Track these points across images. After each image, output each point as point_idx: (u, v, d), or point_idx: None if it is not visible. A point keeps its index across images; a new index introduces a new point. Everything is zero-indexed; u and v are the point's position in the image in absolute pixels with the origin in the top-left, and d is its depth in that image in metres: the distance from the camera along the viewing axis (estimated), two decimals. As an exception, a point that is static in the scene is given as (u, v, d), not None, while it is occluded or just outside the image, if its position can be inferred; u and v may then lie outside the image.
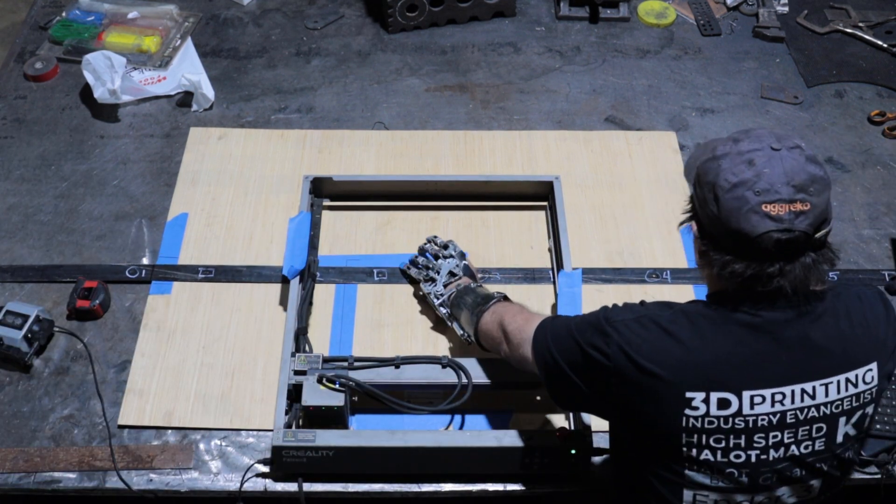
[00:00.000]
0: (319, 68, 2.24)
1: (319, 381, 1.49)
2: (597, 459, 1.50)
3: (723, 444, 1.16)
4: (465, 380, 1.51)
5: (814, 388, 1.16)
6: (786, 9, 2.43)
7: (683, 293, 1.76)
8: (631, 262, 1.82)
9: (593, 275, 1.78)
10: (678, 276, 1.79)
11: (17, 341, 1.58)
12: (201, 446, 1.54)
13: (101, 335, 1.68)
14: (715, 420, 1.15)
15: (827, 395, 1.16)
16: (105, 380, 1.62)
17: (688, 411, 1.14)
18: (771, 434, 1.15)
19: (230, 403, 1.58)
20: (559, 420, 1.56)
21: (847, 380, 1.17)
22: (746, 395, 1.14)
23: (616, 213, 1.91)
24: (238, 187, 1.94)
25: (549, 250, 1.82)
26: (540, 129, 2.09)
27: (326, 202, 1.89)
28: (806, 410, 1.16)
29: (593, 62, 2.29)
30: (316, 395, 1.48)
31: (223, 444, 1.55)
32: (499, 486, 1.50)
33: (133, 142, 2.04)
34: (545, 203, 1.89)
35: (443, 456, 1.46)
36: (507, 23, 2.40)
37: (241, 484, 1.49)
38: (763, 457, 1.17)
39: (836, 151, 2.07)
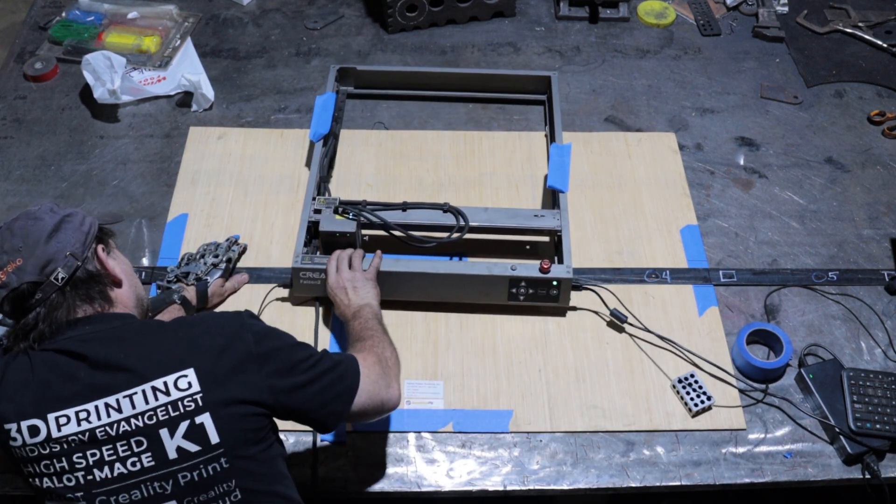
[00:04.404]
0: (319, 68, 2.24)
1: (335, 211, 1.72)
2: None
3: (51, 470, 1.15)
4: (462, 221, 1.72)
5: (117, 400, 1.15)
6: (785, 9, 2.43)
7: (683, 293, 1.76)
8: (630, 262, 1.82)
9: (593, 274, 1.78)
10: (677, 276, 1.79)
11: (17, 341, 1.58)
12: (201, 446, 1.54)
13: (101, 335, 1.68)
14: (34, 448, 1.15)
15: (134, 406, 1.15)
16: (105, 380, 1.62)
17: (11, 443, 1.16)
18: (89, 452, 1.15)
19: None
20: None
21: (154, 388, 1.15)
22: (52, 417, 1.15)
23: (616, 213, 1.91)
24: (238, 187, 1.94)
25: (546, 136, 2.06)
26: (539, 130, 2.09)
27: (350, 90, 2.14)
28: (116, 425, 1.15)
29: (593, 62, 2.29)
30: (332, 224, 1.71)
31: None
32: (499, 487, 1.50)
33: (133, 142, 2.04)
34: (543, 97, 2.15)
35: (439, 282, 1.67)
36: (506, 23, 2.40)
37: (261, 309, 1.69)
38: (90, 477, 1.15)
39: (835, 151, 2.07)
